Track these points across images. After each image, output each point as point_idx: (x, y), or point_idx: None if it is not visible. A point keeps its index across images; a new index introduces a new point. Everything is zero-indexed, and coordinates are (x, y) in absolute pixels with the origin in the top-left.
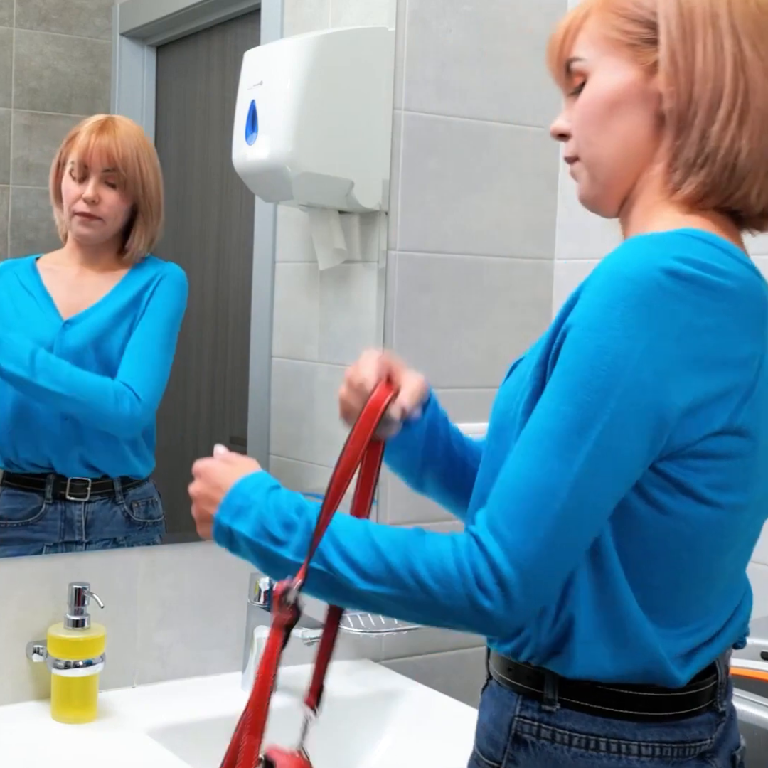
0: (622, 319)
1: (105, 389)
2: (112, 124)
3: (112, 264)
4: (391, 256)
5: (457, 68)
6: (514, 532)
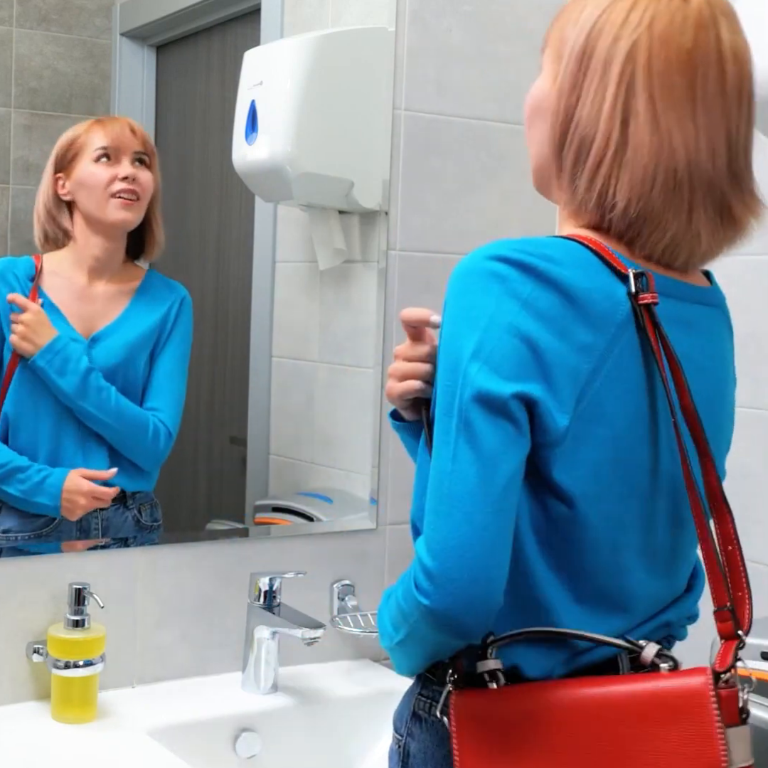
0: (450, 309)
1: (146, 424)
2: (113, 116)
3: (120, 273)
4: (391, 256)
5: (457, 68)
6: (427, 525)
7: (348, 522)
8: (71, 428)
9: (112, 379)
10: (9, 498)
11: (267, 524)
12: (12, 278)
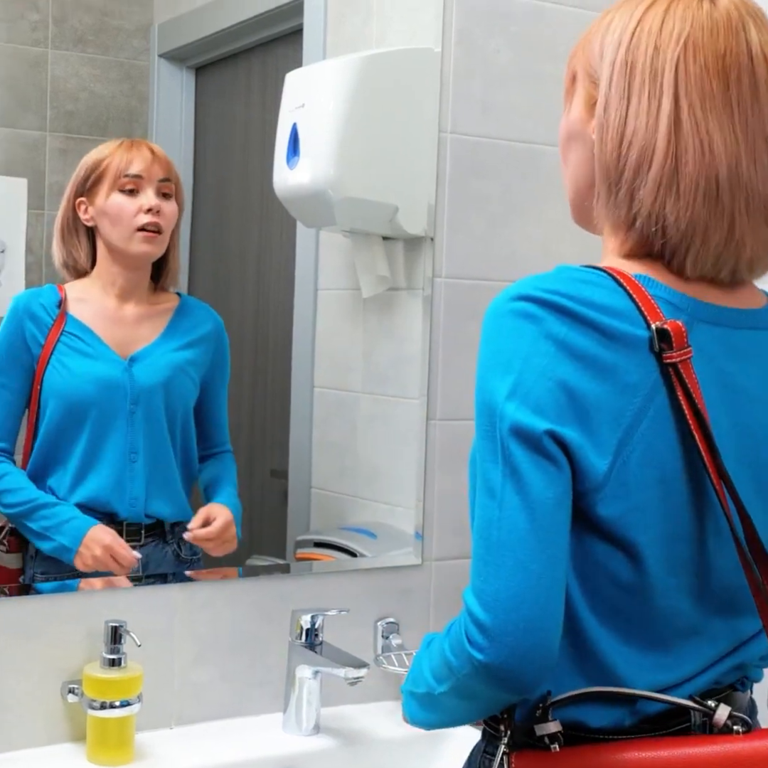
0: (483, 353)
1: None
2: (138, 140)
3: (149, 296)
4: (437, 283)
5: (504, 89)
6: (476, 575)
7: (392, 557)
8: (106, 463)
9: (155, 399)
10: (28, 533)
11: (309, 560)
12: (38, 308)
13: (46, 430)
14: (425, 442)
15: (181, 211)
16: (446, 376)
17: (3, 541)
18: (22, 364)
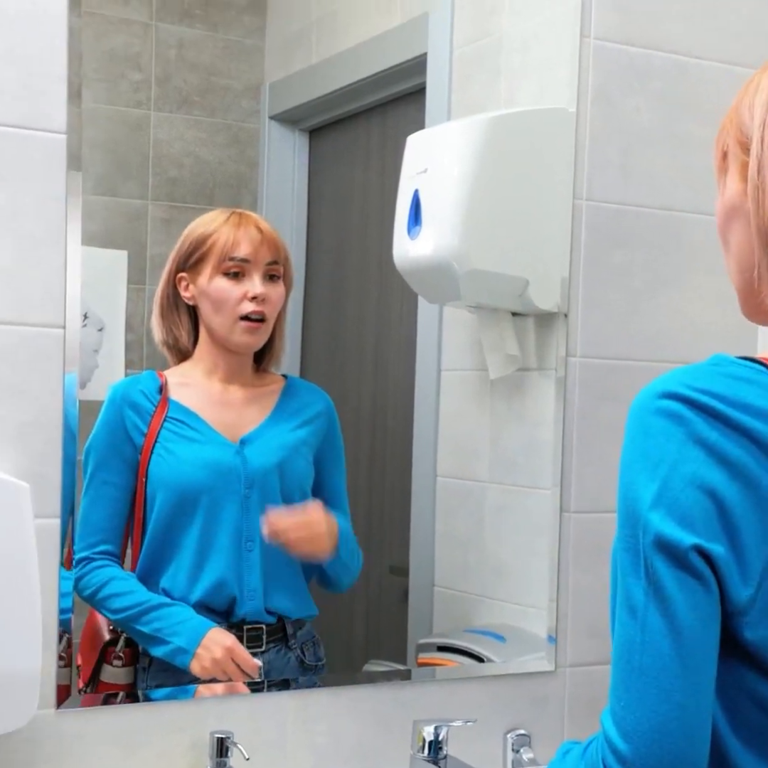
0: (627, 453)
1: (360, 553)
2: (247, 213)
3: (252, 377)
4: (571, 363)
5: (646, 152)
6: (616, 699)
7: (523, 663)
8: (221, 554)
9: (270, 481)
10: (139, 638)
11: (431, 665)
12: (138, 396)
13: (155, 525)
14: (558, 537)
15: (289, 291)
16: (581, 464)
17: (120, 653)
18: (125, 456)
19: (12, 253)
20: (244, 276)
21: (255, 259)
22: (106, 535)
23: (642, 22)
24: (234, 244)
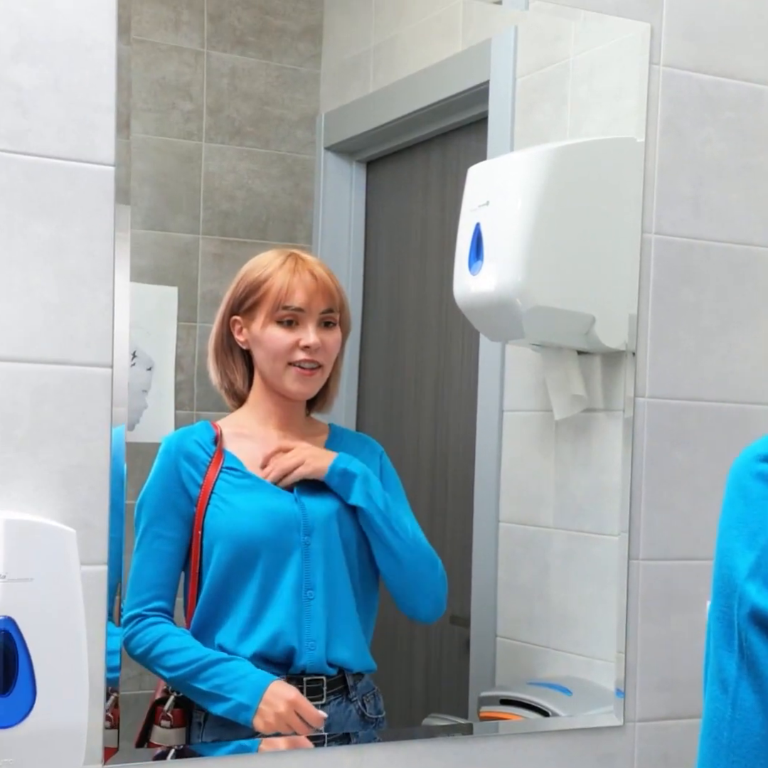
0: (724, 519)
1: (435, 560)
2: (303, 257)
3: (305, 425)
4: (639, 404)
5: (718, 185)
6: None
7: (590, 718)
8: (281, 605)
9: (329, 527)
10: (196, 696)
11: (494, 719)
12: (193, 446)
13: (212, 579)
14: (626, 585)
15: (345, 337)
16: (650, 509)
17: (168, 714)
18: (180, 509)
19: (58, 290)
20: (298, 324)
21: (309, 308)
22: (159, 592)
23: (714, 49)
24: (288, 292)
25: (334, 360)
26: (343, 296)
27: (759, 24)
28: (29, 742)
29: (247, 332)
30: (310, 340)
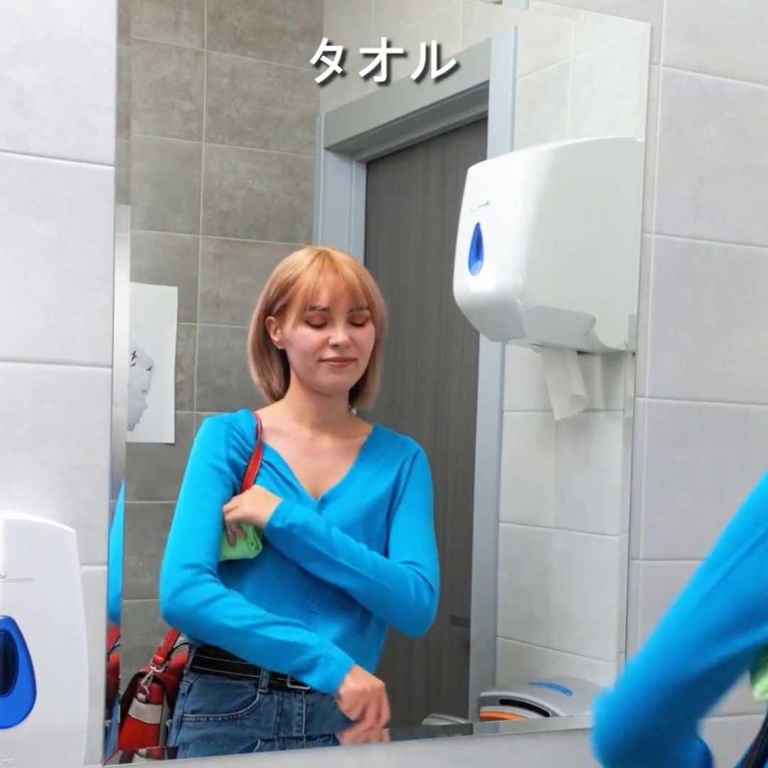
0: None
1: (406, 578)
2: (332, 256)
3: (342, 423)
4: (640, 404)
5: (718, 185)
6: None
7: (590, 718)
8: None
9: (349, 530)
10: (253, 648)
11: (494, 719)
12: (237, 434)
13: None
14: (627, 585)
15: (379, 332)
16: (650, 509)
17: (144, 687)
18: (226, 484)
19: (58, 290)
20: (327, 324)
21: (335, 308)
22: (213, 557)
23: (714, 49)
24: (314, 293)
25: (368, 355)
26: (372, 294)
27: (759, 24)
28: (29, 742)
29: (281, 332)
30: (339, 339)
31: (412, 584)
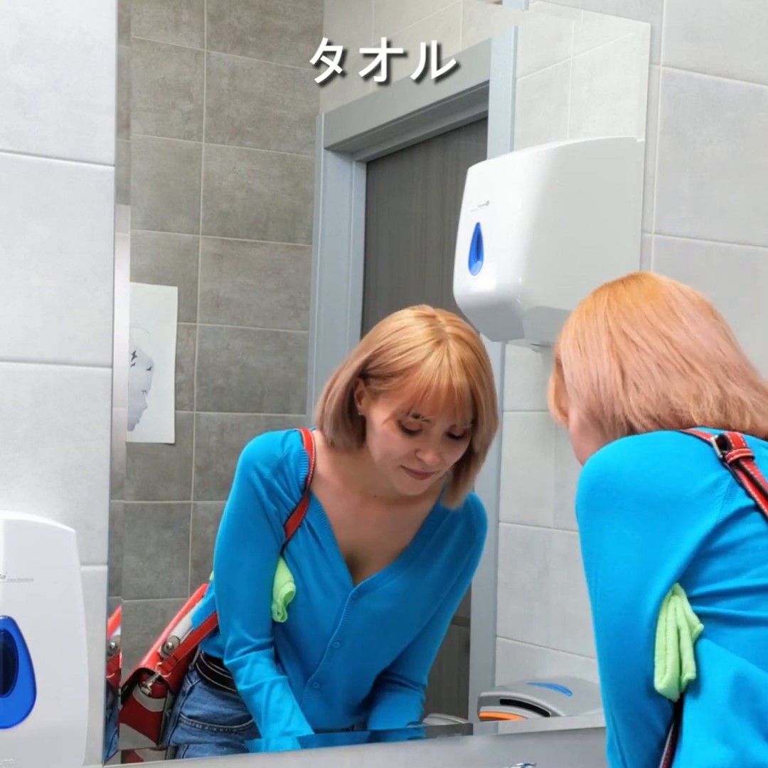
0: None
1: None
2: (452, 349)
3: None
4: None
5: (718, 185)
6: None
7: (590, 718)
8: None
9: (380, 623)
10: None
11: (494, 719)
12: (281, 480)
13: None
14: None
15: (486, 441)
16: None
17: (147, 685)
18: (273, 531)
19: (58, 290)
20: (422, 431)
21: (438, 421)
22: (266, 627)
23: (714, 49)
24: (422, 402)
25: (452, 464)
26: (483, 408)
27: (759, 24)
28: (29, 742)
29: (367, 405)
30: (428, 458)
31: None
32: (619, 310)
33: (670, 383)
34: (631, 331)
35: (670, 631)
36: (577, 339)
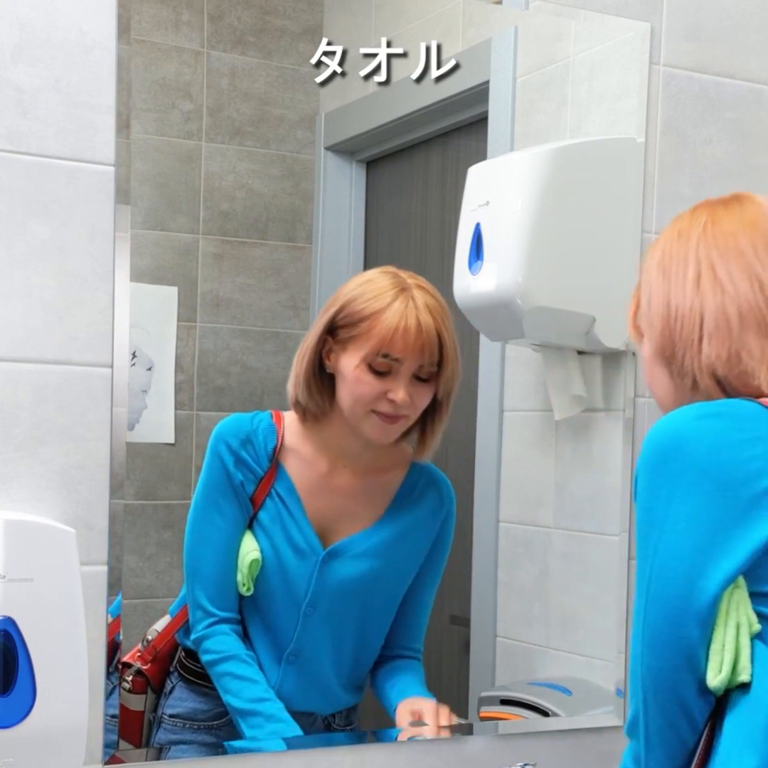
0: None
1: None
2: (416, 296)
3: (378, 457)
4: (640, 404)
5: (718, 185)
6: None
7: (590, 718)
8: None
9: (352, 590)
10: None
11: (494, 719)
12: (249, 451)
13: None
14: (626, 585)
15: (450, 388)
16: None
17: (127, 678)
18: (239, 502)
19: (58, 290)
20: (390, 373)
21: (407, 360)
22: (231, 597)
23: (714, 49)
24: (391, 341)
25: (421, 410)
26: (448, 350)
27: (759, 24)
28: (29, 742)
29: (335, 360)
30: (399, 397)
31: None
32: (714, 236)
33: (747, 338)
34: (720, 266)
35: (731, 627)
36: (663, 262)
